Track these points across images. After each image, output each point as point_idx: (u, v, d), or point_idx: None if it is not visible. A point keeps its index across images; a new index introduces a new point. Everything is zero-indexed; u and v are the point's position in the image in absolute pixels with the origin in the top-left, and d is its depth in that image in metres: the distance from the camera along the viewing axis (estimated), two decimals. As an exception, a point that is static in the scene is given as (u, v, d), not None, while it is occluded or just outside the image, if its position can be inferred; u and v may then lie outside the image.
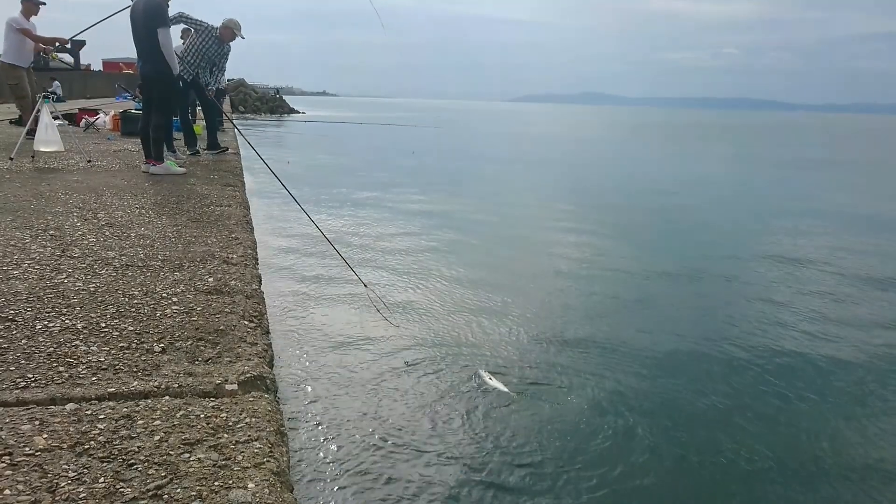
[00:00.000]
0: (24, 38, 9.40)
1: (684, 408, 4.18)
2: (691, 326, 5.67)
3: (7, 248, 3.72)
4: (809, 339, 5.43)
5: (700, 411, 4.14)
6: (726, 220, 11.36)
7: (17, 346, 2.40)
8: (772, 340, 5.35)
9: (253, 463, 1.77)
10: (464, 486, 3.22)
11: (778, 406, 4.25)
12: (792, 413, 4.18)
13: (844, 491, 3.40)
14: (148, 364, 2.32)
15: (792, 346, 5.27)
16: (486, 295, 6.17)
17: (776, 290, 6.86)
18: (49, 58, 10.84)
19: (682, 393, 4.37)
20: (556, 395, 4.22)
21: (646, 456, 3.57)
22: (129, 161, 7.91)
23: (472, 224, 9.99)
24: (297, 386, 4.16)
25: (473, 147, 27.90)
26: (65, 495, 1.58)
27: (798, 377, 4.69)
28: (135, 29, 6.77)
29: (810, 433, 3.93)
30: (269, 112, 51.50)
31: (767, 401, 4.32)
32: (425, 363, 4.59)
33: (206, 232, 4.41)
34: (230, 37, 8.62)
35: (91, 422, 1.92)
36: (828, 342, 5.35)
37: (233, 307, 2.98)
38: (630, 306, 6.21)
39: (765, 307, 6.21)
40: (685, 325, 5.71)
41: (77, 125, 12.69)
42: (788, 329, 5.65)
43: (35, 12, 9.57)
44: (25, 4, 9.47)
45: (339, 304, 5.77)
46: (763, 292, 6.72)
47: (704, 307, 6.30)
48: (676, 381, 4.53)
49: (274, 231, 8.50)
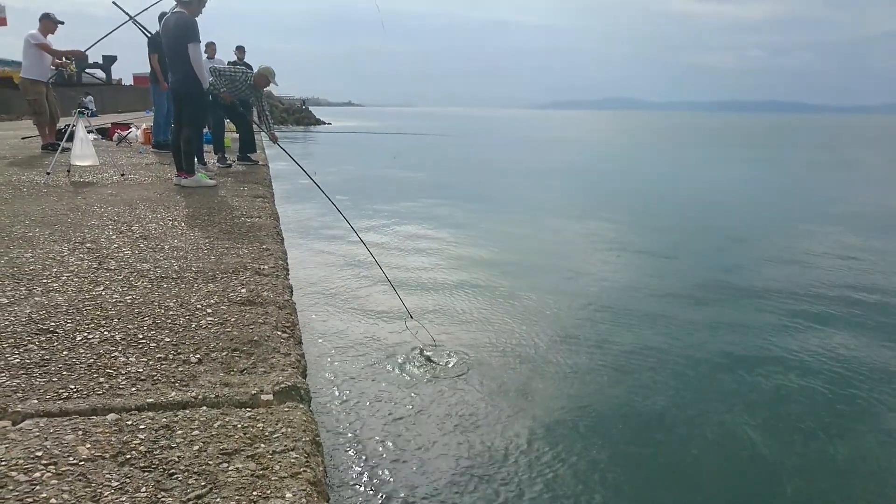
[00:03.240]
0: (42, 54, 9.72)
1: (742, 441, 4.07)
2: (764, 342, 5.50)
3: (46, 261, 3.81)
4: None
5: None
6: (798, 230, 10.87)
7: (59, 357, 2.46)
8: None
9: (290, 473, 1.79)
10: (497, 499, 3.22)
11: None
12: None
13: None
14: (185, 375, 2.36)
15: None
16: (524, 314, 6.12)
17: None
18: (67, 70, 11.16)
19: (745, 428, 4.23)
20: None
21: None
22: (161, 174, 8.06)
23: (515, 239, 9.96)
24: (329, 396, 4.19)
25: (517, 159, 27.68)
26: (108, 504, 1.61)
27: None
28: (166, 43, 6.92)
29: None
30: (296, 123, 52.18)
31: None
32: (457, 374, 4.60)
33: (238, 243, 4.47)
34: (264, 84, 8.83)
35: (132, 432, 1.96)
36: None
37: (266, 318, 3.01)
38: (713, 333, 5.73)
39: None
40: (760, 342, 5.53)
41: (110, 139, 12.98)
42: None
43: (52, 30, 9.91)
44: (44, 22, 9.80)
45: (368, 314, 5.81)
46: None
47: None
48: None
49: (303, 242, 8.59)
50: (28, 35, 9.71)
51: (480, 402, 4.18)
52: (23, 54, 9.78)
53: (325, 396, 4.18)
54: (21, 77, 10.00)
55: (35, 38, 9.64)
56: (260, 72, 8.75)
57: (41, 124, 10.27)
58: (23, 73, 9.95)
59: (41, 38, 9.68)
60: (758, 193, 16.01)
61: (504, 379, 4.56)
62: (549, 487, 3.33)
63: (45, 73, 9.95)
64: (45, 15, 9.88)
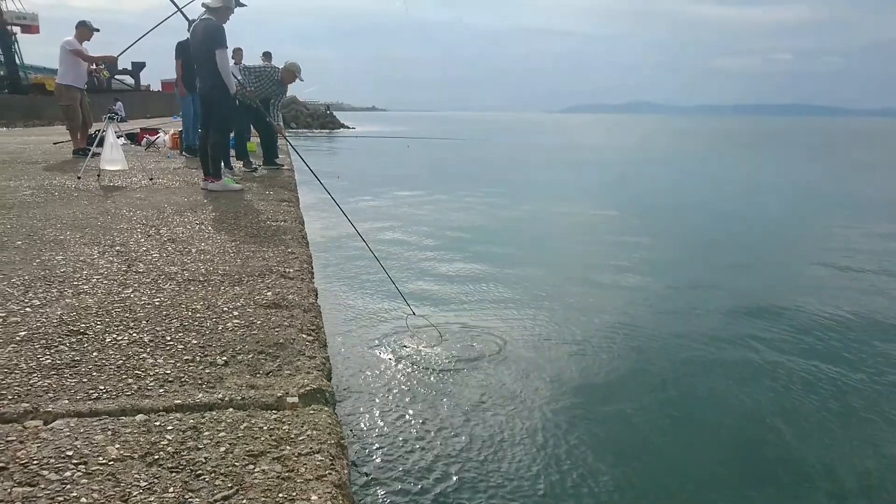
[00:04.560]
0: (78, 60, 9.91)
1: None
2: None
3: (77, 263, 3.87)
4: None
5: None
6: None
7: (89, 358, 2.49)
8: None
9: (315, 475, 1.80)
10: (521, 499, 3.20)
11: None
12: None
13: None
14: (212, 377, 2.38)
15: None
16: (544, 319, 6.11)
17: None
18: (101, 76, 11.39)
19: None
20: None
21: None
22: (189, 178, 8.16)
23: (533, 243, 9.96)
24: (352, 399, 4.21)
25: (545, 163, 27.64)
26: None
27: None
28: (195, 50, 7.01)
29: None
30: (320, 128, 52.65)
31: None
32: (478, 376, 4.59)
33: (264, 247, 4.51)
34: (291, 79, 9.01)
35: (160, 432, 1.98)
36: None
37: (291, 321, 3.03)
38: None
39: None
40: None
41: (139, 144, 13.18)
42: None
43: (88, 37, 10.10)
44: (80, 29, 9.99)
45: (387, 317, 5.82)
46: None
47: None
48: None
49: (325, 245, 8.64)
50: (64, 42, 9.92)
51: (503, 405, 4.17)
52: (59, 60, 10.00)
53: (348, 399, 4.19)
54: (56, 83, 10.22)
55: (70, 44, 9.84)
56: (287, 67, 8.90)
57: (73, 129, 10.48)
58: (58, 78, 10.18)
59: (76, 44, 9.89)
60: (813, 197, 15.74)
61: (528, 381, 4.54)
62: (572, 493, 3.30)
63: (81, 79, 10.14)
64: (81, 22, 10.08)
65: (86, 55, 10.04)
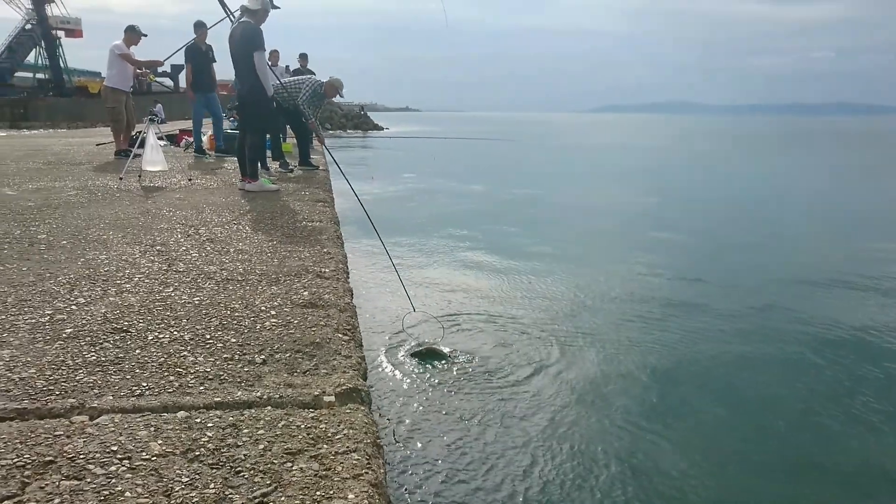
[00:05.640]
0: (125, 64, 10.13)
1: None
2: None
3: (120, 262, 3.97)
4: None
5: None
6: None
7: (132, 355, 2.55)
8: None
9: (352, 474, 1.82)
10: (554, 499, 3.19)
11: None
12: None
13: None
14: (250, 375, 2.42)
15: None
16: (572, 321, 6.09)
17: None
18: (147, 80, 11.71)
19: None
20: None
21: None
22: (226, 179, 8.30)
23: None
24: (386, 399, 4.23)
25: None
26: (179, 499, 1.66)
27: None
28: (233, 52, 7.12)
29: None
30: (354, 128, 53.08)
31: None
32: (512, 374, 4.59)
33: (300, 247, 4.56)
34: (332, 94, 9.16)
35: (200, 429, 2.02)
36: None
37: (327, 320, 3.06)
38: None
39: None
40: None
41: (178, 145, 13.43)
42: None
43: (136, 42, 10.32)
44: (128, 34, 10.21)
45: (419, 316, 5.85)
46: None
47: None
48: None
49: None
50: (112, 45, 10.16)
51: (537, 405, 4.16)
52: (107, 63, 10.25)
53: (382, 399, 4.22)
54: (103, 85, 10.48)
55: (119, 48, 10.08)
56: (331, 82, 9.03)
57: (117, 131, 10.73)
58: (106, 81, 10.44)
59: (124, 48, 10.12)
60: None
61: (564, 383, 4.52)
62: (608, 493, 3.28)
63: (127, 82, 10.39)
64: (129, 27, 10.31)
65: (133, 59, 10.27)
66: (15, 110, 51.26)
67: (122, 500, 1.65)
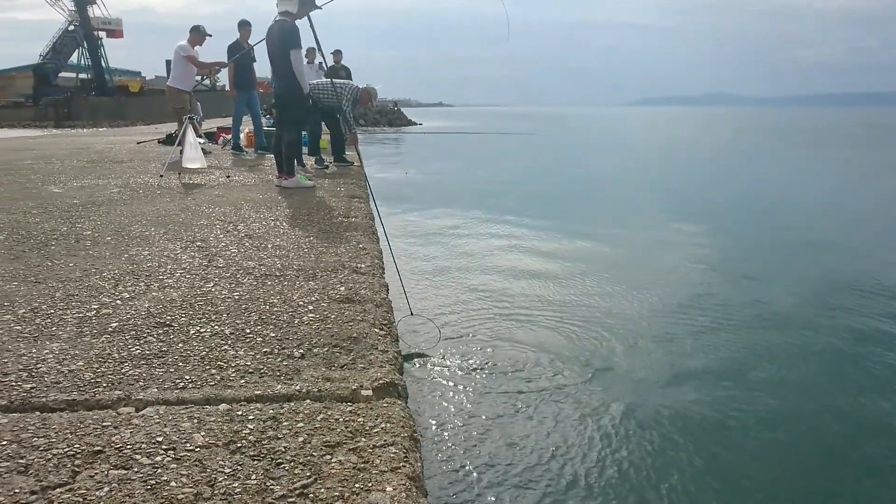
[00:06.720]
0: (189, 65, 10.28)
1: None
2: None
3: (161, 258, 4.06)
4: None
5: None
6: None
7: (175, 349, 2.62)
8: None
9: (390, 467, 1.84)
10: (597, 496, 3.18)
11: None
12: None
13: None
14: (289, 369, 2.46)
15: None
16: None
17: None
18: (212, 80, 12.00)
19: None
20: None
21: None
22: (263, 176, 8.42)
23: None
24: (421, 393, 4.26)
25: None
26: (222, 489, 1.70)
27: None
28: (270, 51, 7.21)
29: None
30: (388, 124, 53.31)
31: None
32: (547, 370, 4.57)
33: (336, 242, 4.61)
34: (366, 101, 9.31)
35: (242, 422, 2.06)
36: None
37: (364, 315, 3.10)
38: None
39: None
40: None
41: (216, 142, 13.66)
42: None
43: (200, 42, 10.46)
44: (193, 35, 10.36)
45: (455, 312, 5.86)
46: None
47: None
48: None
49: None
50: (178, 46, 10.33)
51: (572, 401, 4.14)
52: (172, 64, 10.44)
53: (417, 393, 4.25)
54: (168, 85, 10.67)
55: (184, 49, 10.24)
56: (367, 89, 9.14)
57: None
58: (170, 81, 10.62)
59: (189, 49, 10.27)
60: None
61: (595, 381, 4.49)
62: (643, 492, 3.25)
63: (190, 83, 10.55)
64: (194, 28, 10.46)
65: (197, 61, 10.41)
66: (59, 110, 52.77)
67: (168, 490, 1.69)
